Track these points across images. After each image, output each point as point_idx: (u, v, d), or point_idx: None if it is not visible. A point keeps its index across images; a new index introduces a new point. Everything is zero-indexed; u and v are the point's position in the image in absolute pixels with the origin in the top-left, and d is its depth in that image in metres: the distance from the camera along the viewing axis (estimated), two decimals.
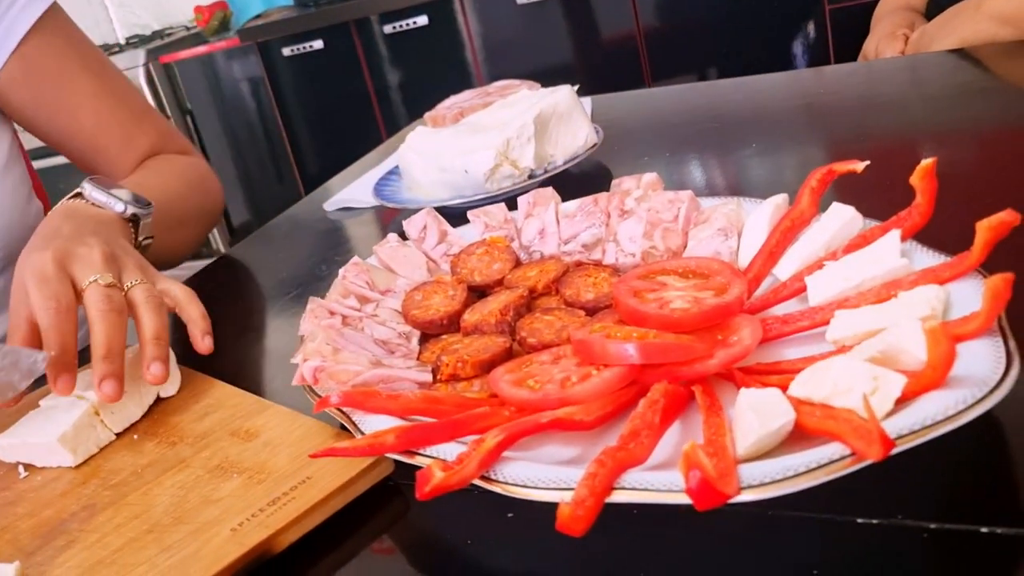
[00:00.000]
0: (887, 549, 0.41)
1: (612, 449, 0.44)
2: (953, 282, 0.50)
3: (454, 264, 0.71)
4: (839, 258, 0.55)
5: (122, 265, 0.72)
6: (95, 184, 0.80)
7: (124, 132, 1.01)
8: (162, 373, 0.65)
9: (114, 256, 0.72)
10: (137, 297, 0.69)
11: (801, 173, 0.89)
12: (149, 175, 0.97)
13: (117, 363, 0.64)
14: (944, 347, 0.41)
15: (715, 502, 0.38)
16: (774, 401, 0.44)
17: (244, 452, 0.57)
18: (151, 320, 0.68)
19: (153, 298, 0.69)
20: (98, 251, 0.71)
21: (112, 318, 0.66)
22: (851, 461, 0.39)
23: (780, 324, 0.53)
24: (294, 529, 0.50)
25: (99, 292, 0.67)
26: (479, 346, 0.59)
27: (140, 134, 1.02)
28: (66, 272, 0.69)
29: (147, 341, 0.66)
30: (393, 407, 0.52)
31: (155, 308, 0.69)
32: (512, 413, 0.51)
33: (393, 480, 0.53)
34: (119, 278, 0.70)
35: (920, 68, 1.13)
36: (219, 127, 3.48)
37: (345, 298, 0.67)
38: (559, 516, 0.40)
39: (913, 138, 0.89)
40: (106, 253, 0.71)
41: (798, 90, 1.17)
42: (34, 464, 0.62)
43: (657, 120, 1.19)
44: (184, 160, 1.05)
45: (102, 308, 0.66)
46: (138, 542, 0.51)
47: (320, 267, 0.92)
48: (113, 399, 0.62)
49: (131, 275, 0.71)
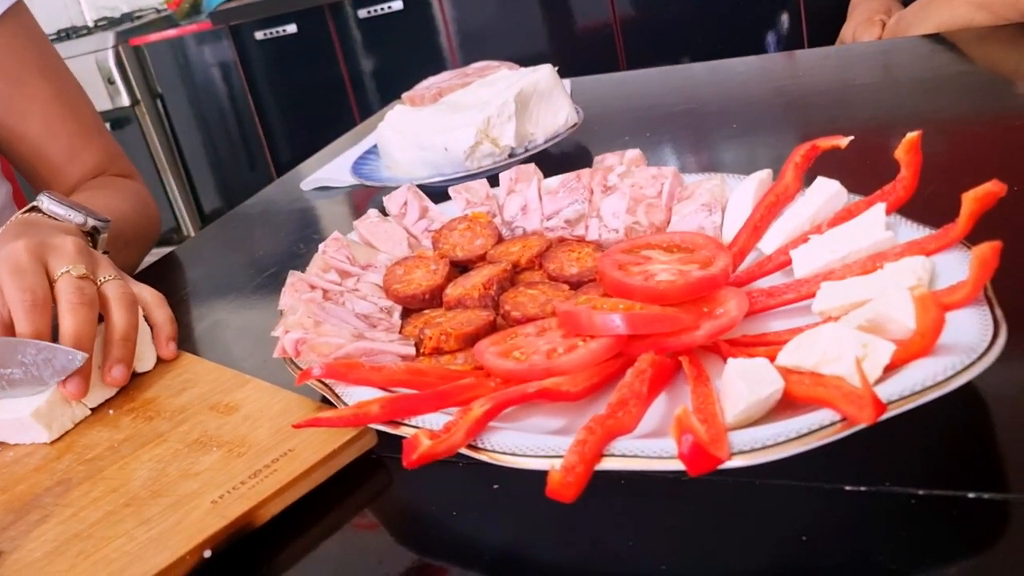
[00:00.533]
0: (875, 516, 0.41)
1: (601, 417, 0.43)
2: (938, 254, 0.50)
3: (435, 239, 0.70)
4: (824, 232, 0.55)
5: (96, 260, 0.70)
6: (52, 198, 0.78)
7: (71, 145, 0.99)
8: (123, 377, 0.63)
9: (87, 250, 0.70)
10: (110, 293, 0.67)
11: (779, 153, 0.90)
12: (97, 194, 0.96)
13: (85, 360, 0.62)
14: (933, 314, 0.41)
15: (707, 466, 0.38)
16: (762, 370, 0.44)
17: (223, 426, 0.56)
18: (122, 318, 0.66)
19: (127, 296, 0.68)
20: (72, 243, 0.69)
21: (83, 312, 0.64)
22: (842, 426, 0.39)
23: (766, 297, 0.53)
24: (276, 501, 0.49)
25: (72, 283, 0.65)
26: (462, 319, 0.58)
27: (87, 150, 1.00)
28: (41, 263, 0.67)
29: (115, 340, 0.65)
30: (376, 379, 0.52)
31: (127, 306, 0.67)
32: (497, 384, 0.50)
33: (376, 453, 0.53)
34: (93, 272, 0.68)
35: (896, 53, 1.13)
36: (190, 112, 3.44)
37: (325, 272, 0.66)
38: (549, 482, 0.40)
39: (890, 122, 0.90)
40: (80, 246, 0.69)
41: (775, 74, 1.18)
42: (7, 441, 0.61)
43: (636, 102, 1.18)
44: (129, 183, 1.04)
45: (73, 300, 0.64)
46: (115, 515, 0.50)
47: (298, 245, 0.91)
48: (77, 397, 0.61)
49: (105, 271, 0.69)
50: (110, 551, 0.47)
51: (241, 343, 0.74)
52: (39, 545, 0.49)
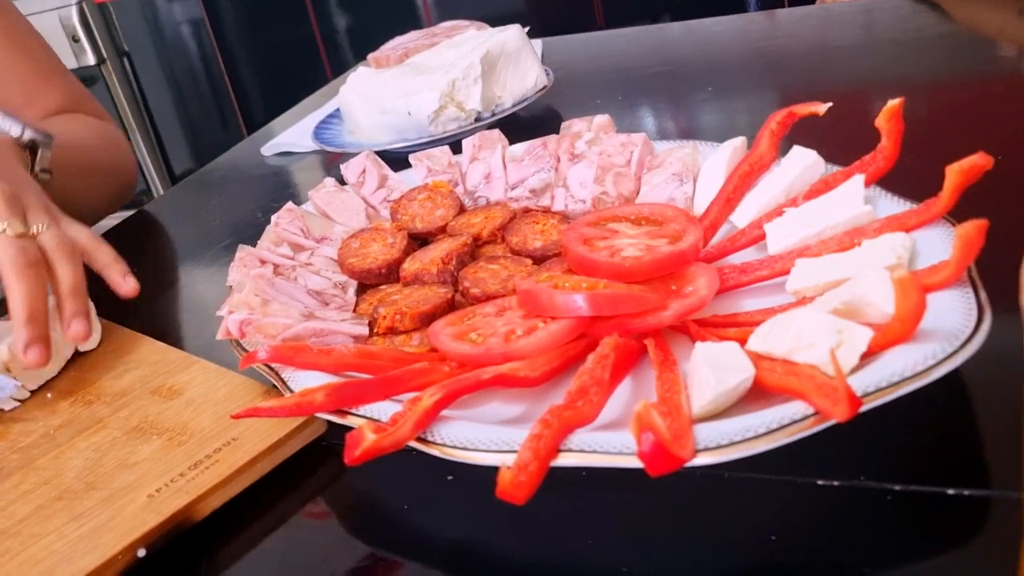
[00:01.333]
0: (850, 512, 0.38)
1: (558, 408, 0.40)
2: (919, 230, 0.47)
3: (394, 210, 0.66)
4: (800, 204, 0.52)
5: (26, 204, 0.64)
6: None
7: (25, 87, 0.93)
8: (84, 329, 0.59)
9: (15, 196, 0.63)
10: (48, 244, 0.62)
11: (756, 118, 0.87)
12: (52, 122, 0.90)
13: (42, 325, 0.58)
14: (914, 298, 0.38)
15: (669, 467, 0.35)
16: (732, 356, 0.41)
17: (165, 411, 0.53)
18: (67, 271, 0.61)
19: (65, 245, 0.62)
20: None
21: (30, 274, 0.58)
22: (814, 421, 0.36)
23: (738, 274, 0.51)
24: (217, 495, 0.46)
25: (11, 246, 0.59)
26: (419, 297, 0.55)
27: (45, 91, 0.94)
28: None
29: (65, 295, 0.60)
30: (325, 363, 0.49)
31: (68, 256, 0.61)
32: (452, 369, 0.47)
33: (326, 440, 0.50)
34: (25, 222, 0.62)
35: (878, 12, 1.10)
36: (159, 71, 3.35)
37: (278, 246, 0.63)
38: (500, 482, 0.37)
39: (870, 84, 0.87)
40: (7, 193, 0.63)
41: (753, 34, 1.14)
42: None
43: (609, 64, 1.14)
44: (95, 121, 0.98)
45: (18, 263, 0.58)
46: (46, 510, 0.47)
47: (256, 214, 0.87)
48: (43, 364, 0.57)
49: (37, 217, 0.63)
50: (38, 550, 0.44)
51: (190, 320, 0.70)
52: None
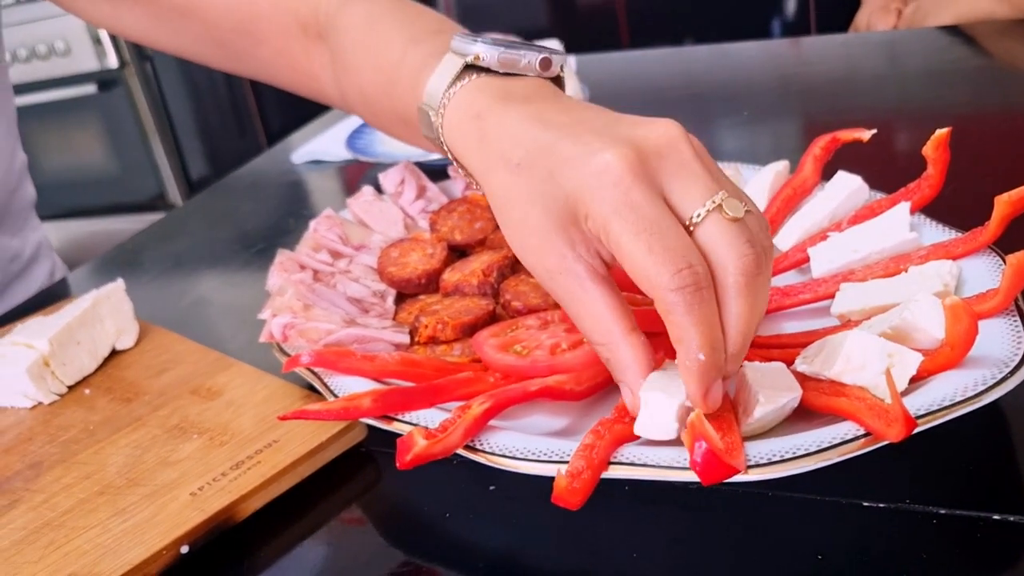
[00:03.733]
0: (895, 534, 0.39)
1: (608, 421, 0.41)
2: (965, 258, 0.48)
3: (433, 221, 0.67)
4: (844, 229, 0.53)
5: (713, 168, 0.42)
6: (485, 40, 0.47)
7: None
8: None
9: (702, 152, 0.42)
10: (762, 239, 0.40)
11: (784, 144, 0.88)
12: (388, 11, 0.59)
13: None
14: (965, 325, 0.38)
15: (721, 476, 0.36)
16: (779, 376, 0.41)
17: (205, 412, 0.53)
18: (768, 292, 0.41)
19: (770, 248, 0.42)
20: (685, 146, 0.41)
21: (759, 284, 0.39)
22: (865, 442, 0.36)
23: (780, 296, 0.51)
24: (258, 496, 0.46)
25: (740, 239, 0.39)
26: (460, 308, 0.55)
27: None
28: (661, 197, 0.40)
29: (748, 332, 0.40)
30: (368, 369, 0.49)
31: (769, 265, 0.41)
32: (497, 380, 0.48)
33: (365, 447, 0.50)
34: None
35: (912, 43, 1.11)
36: (180, 76, 3.37)
37: (316, 252, 0.63)
38: (555, 488, 0.37)
39: (903, 115, 0.87)
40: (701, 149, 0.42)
41: (781, 60, 1.15)
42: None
43: (641, 83, 1.15)
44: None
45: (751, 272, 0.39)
46: (89, 504, 0.47)
47: (287, 220, 0.88)
48: None
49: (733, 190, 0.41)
50: (82, 542, 0.44)
51: (226, 323, 0.71)
52: (7, 533, 0.46)
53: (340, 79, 0.63)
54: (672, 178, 0.40)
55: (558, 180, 0.41)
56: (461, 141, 0.47)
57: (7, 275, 0.87)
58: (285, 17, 0.65)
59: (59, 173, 3.05)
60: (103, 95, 3.00)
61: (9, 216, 0.87)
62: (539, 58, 0.48)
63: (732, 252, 0.38)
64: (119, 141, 3.09)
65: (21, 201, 0.90)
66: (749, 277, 0.38)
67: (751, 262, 0.38)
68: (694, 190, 0.40)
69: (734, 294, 0.38)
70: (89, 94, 2.92)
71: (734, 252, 0.38)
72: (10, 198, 0.86)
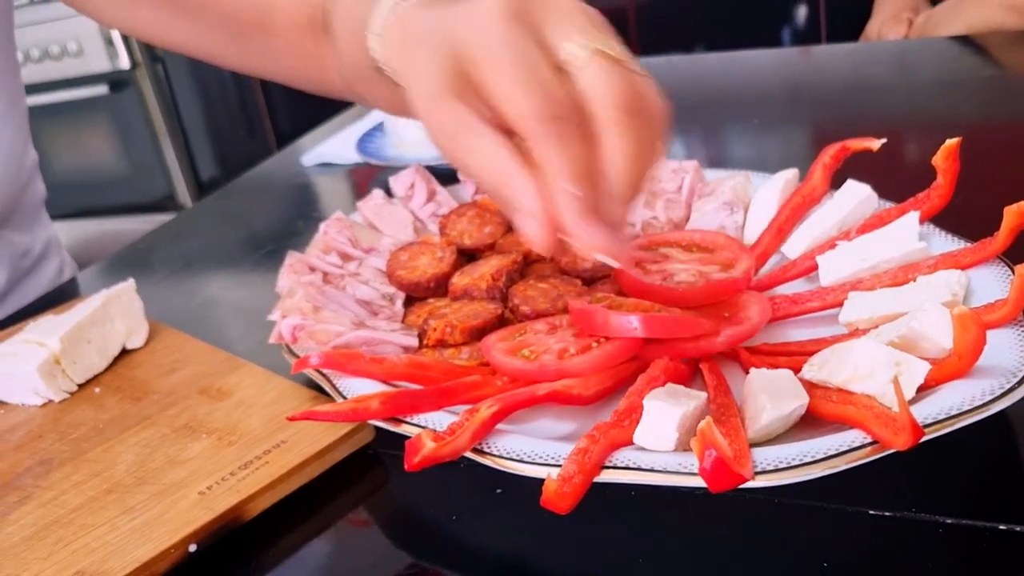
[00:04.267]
0: (901, 543, 0.39)
1: (605, 425, 0.41)
2: (974, 268, 0.48)
3: (443, 225, 0.67)
4: (853, 238, 0.53)
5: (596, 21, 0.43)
6: None
7: None
8: None
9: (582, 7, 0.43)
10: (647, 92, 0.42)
11: (792, 152, 0.88)
12: None
13: None
14: (973, 334, 0.38)
15: (730, 484, 0.36)
16: (786, 383, 0.41)
17: (214, 412, 0.54)
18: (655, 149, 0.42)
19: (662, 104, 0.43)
20: None
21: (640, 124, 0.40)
22: (872, 450, 0.37)
23: (788, 304, 0.51)
24: (266, 496, 0.46)
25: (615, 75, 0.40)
26: (469, 312, 0.56)
27: None
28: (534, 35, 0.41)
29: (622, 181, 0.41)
30: (377, 371, 0.49)
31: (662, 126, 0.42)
32: (505, 383, 0.48)
33: (372, 449, 0.50)
34: None
35: (922, 52, 1.11)
36: (191, 78, 3.39)
37: (326, 254, 0.63)
38: (544, 491, 0.38)
39: (912, 124, 0.87)
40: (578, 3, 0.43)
41: (792, 68, 1.15)
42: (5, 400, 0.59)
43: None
44: None
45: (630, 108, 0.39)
46: (98, 502, 0.47)
47: (297, 223, 0.89)
48: None
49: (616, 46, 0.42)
50: (91, 540, 0.45)
51: (235, 323, 0.71)
52: (17, 529, 0.46)
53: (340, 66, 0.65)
54: (552, 23, 0.41)
55: (447, 36, 0.42)
56: (391, 49, 0.50)
57: (18, 271, 0.88)
58: (296, 7, 0.67)
59: (70, 173, 3.07)
60: (114, 96, 3.02)
61: (20, 212, 0.88)
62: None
63: (608, 88, 0.39)
64: (129, 142, 3.11)
65: (32, 198, 0.91)
66: (625, 113, 0.39)
67: (628, 97, 0.39)
68: (575, 34, 0.41)
69: (609, 128, 0.39)
70: (100, 95, 2.93)
71: (610, 88, 0.39)
72: (21, 195, 0.87)
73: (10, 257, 0.86)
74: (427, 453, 0.40)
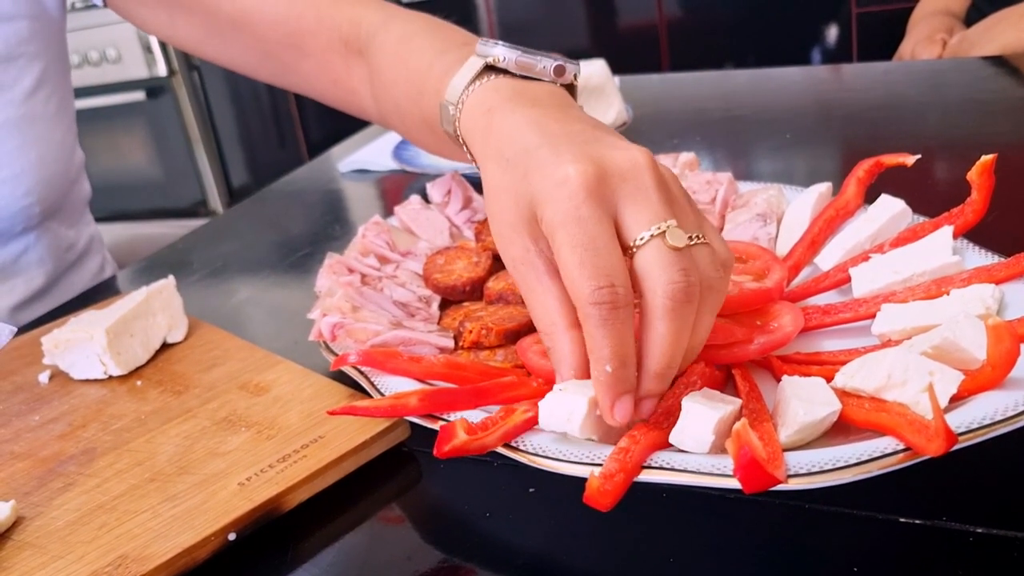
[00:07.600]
0: (931, 551, 0.39)
1: (645, 426, 0.42)
2: (1008, 283, 0.48)
3: (478, 231, 0.68)
4: (886, 251, 0.53)
5: (673, 198, 0.43)
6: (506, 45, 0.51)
7: None
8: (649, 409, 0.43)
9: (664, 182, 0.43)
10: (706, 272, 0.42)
11: (832, 167, 0.88)
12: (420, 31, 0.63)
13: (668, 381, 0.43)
14: (1007, 345, 0.39)
15: (763, 485, 0.36)
16: (818, 390, 0.42)
17: (253, 406, 0.55)
18: (707, 319, 0.43)
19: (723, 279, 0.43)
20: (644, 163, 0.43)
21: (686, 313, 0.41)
22: (905, 456, 0.37)
23: (821, 314, 0.52)
24: (304, 488, 0.48)
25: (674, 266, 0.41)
26: (504, 315, 0.57)
27: None
28: (610, 215, 0.42)
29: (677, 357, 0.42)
30: (414, 370, 0.50)
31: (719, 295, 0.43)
32: (540, 385, 0.49)
33: (407, 447, 0.51)
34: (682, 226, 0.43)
35: (957, 72, 1.11)
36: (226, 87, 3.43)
37: (365, 257, 0.65)
38: (587, 488, 0.38)
39: (949, 142, 0.87)
40: (658, 175, 0.43)
41: (829, 85, 1.15)
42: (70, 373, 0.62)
43: (684, 105, 1.16)
44: None
45: (677, 297, 0.40)
46: (140, 489, 0.49)
47: (333, 227, 0.90)
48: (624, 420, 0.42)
49: (689, 219, 0.43)
50: (133, 525, 0.46)
51: (272, 322, 0.73)
52: (61, 514, 0.48)
53: (377, 93, 0.68)
54: (627, 201, 0.42)
55: (529, 181, 0.44)
56: (471, 132, 0.51)
57: (62, 263, 0.91)
58: (330, 33, 0.69)
59: (106, 176, 3.11)
60: (151, 102, 3.07)
61: (67, 208, 0.91)
62: (554, 64, 0.51)
63: (663, 277, 0.40)
64: (164, 147, 3.15)
65: (78, 195, 0.94)
66: (675, 303, 0.40)
67: (679, 289, 0.40)
68: (644, 215, 0.42)
69: (657, 316, 0.41)
70: (138, 101, 2.98)
71: (664, 277, 0.40)
72: (69, 191, 0.90)
73: (56, 250, 0.89)
74: (457, 443, 0.41)
